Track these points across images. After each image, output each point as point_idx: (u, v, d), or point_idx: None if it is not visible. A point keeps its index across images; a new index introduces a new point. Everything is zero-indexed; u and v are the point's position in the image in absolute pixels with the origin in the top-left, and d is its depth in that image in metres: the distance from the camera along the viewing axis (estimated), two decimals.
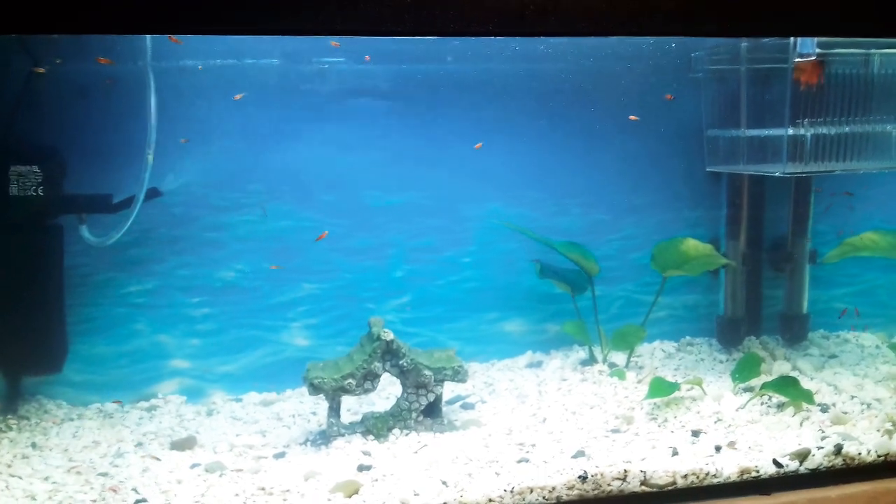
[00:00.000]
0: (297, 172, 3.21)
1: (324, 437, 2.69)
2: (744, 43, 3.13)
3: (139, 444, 2.72)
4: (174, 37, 2.81)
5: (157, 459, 2.56)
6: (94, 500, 2.28)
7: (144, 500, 2.27)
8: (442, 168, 3.33)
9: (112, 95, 2.98)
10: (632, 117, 3.32)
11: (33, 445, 2.70)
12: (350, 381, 2.66)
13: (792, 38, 2.92)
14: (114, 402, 3.07)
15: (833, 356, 3.46)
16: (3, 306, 2.85)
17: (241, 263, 3.21)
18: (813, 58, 2.94)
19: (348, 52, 3.13)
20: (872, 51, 3.03)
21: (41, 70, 2.87)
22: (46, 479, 2.44)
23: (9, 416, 2.89)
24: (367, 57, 3.11)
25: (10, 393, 2.98)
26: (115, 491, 2.33)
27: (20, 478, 2.44)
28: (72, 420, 2.94)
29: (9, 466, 2.53)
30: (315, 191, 3.24)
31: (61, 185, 2.93)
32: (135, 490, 2.34)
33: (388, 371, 2.72)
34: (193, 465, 2.52)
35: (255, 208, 3.19)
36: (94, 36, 2.82)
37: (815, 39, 2.91)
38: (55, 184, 2.89)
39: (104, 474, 2.47)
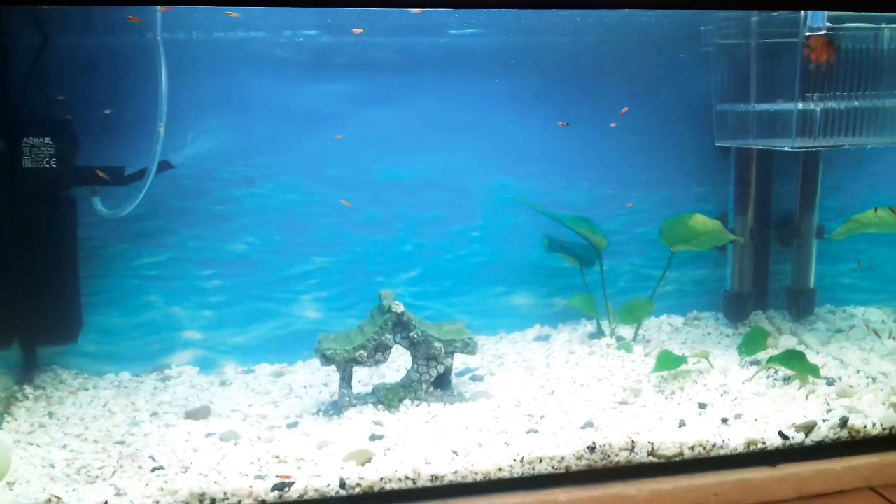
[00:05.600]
0: (306, 146, 3.22)
1: (336, 408, 2.72)
2: (754, 17, 3.12)
3: (154, 414, 2.76)
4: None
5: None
6: (112, 468, 2.33)
7: (161, 468, 2.31)
8: (451, 142, 3.34)
9: (123, 68, 2.99)
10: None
11: (50, 415, 2.74)
12: (361, 352, 2.69)
13: (802, 12, 2.92)
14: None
15: (839, 331, 3.48)
16: (18, 278, 2.87)
17: (252, 236, 3.23)
18: (823, 32, 2.94)
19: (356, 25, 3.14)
20: (883, 25, 3.02)
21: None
22: (64, 447, 2.49)
23: (25, 386, 2.93)
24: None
25: (26, 363, 3.02)
26: (133, 459, 2.38)
27: (38, 446, 2.48)
28: (87, 390, 2.98)
29: (27, 435, 2.58)
30: (324, 165, 3.26)
31: (74, 157, 2.94)
32: (152, 458, 2.38)
33: (399, 343, 2.75)
34: (208, 434, 2.56)
35: (263, 182, 3.20)
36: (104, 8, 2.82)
37: (826, 13, 2.90)
38: (67, 156, 2.89)
39: (121, 442, 2.52)
